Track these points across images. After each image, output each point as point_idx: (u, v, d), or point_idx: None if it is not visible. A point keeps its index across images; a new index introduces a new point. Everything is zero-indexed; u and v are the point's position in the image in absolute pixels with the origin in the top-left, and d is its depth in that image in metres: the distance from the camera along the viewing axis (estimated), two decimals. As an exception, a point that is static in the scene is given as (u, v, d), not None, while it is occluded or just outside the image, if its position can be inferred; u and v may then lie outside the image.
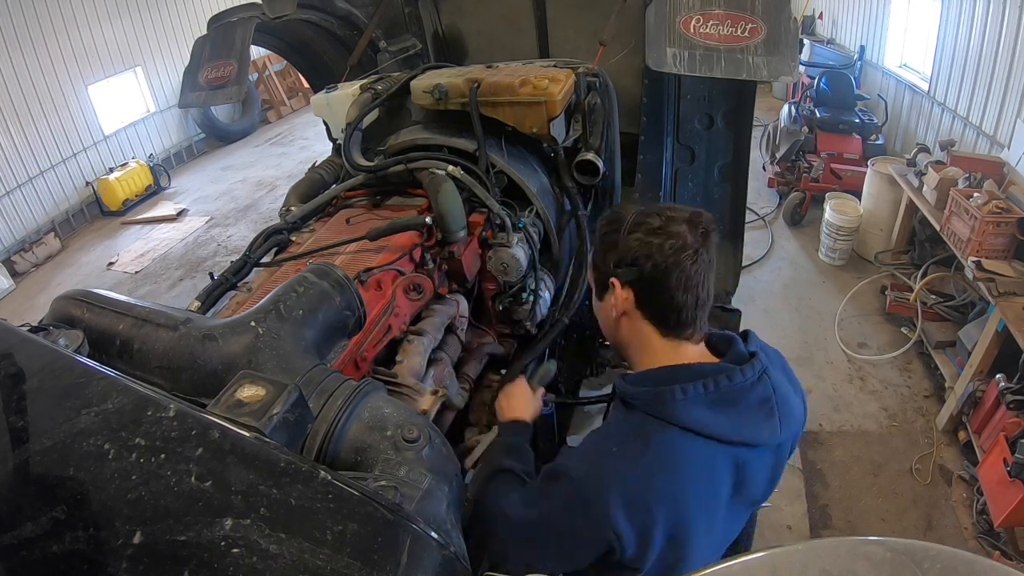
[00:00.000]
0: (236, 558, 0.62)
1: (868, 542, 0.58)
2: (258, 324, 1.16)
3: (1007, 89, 4.34)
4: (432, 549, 0.73)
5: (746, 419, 1.13)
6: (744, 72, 2.17)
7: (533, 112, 2.18)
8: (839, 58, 7.15)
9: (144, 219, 7.59)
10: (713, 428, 1.10)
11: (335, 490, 0.70)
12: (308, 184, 2.59)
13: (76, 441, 0.73)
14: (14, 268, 6.59)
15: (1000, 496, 2.81)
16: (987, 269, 3.40)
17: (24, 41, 6.85)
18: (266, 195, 7.81)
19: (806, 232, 5.64)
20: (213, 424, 0.74)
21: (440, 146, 2.32)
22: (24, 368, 0.86)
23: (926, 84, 5.62)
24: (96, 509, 0.67)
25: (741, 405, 1.13)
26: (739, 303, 3.20)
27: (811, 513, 3.18)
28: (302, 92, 11.07)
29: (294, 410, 0.82)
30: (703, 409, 1.10)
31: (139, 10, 8.33)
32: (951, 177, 3.99)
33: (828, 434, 3.64)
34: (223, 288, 2.08)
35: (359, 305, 1.34)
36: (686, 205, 1.20)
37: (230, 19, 2.87)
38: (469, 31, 3.52)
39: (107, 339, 1.18)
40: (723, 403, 1.11)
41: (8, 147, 6.77)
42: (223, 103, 3.24)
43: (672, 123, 3.06)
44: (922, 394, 3.88)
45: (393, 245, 2.02)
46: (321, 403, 1.07)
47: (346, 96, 2.47)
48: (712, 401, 1.11)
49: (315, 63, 3.61)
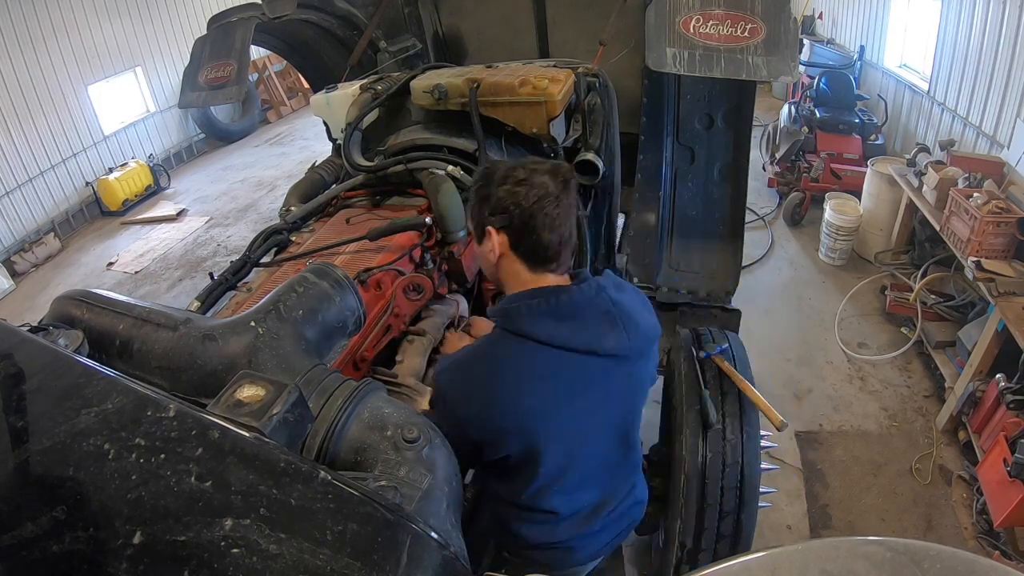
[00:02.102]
0: (236, 558, 0.62)
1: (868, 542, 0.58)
2: (258, 324, 1.16)
3: (1007, 89, 4.34)
4: (432, 549, 0.73)
5: (589, 329, 1.33)
6: (744, 72, 2.17)
7: (533, 112, 2.18)
8: (839, 58, 7.15)
9: (144, 219, 7.59)
10: (556, 337, 1.30)
11: (335, 490, 0.70)
12: (308, 184, 2.59)
13: (76, 441, 0.73)
14: (14, 268, 6.59)
15: (1000, 496, 2.81)
16: (987, 269, 3.40)
17: (24, 41, 6.84)
18: (266, 195, 7.80)
19: (806, 232, 5.64)
20: (213, 424, 0.74)
21: (440, 146, 2.31)
22: (24, 368, 0.86)
23: (926, 84, 5.62)
24: (96, 509, 0.67)
25: (581, 318, 1.33)
26: (739, 303, 3.21)
27: (811, 513, 3.18)
28: (302, 92, 11.06)
29: (294, 410, 0.82)
30: (547, 320, 1.31)
31: (139, 10, 8.33)
32: (951, 177, 3.99)
33: (828, 434, 3.63)
34: (223, 288, 2.08)
35: (359, 305, 1.34)
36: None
37: (230, 19, 2.87)
38: (469, 31, 3.52)
39: (107, 339, 1.18)
40: (564, 316, 1.32)
41: (8, 147, 6.76)
42: (223, 103, 3.24)
43: (672, 123, 3.06)
44: (922, 394, 3.88)
45: (393, 245, 2.02)
46: (321, 403, 1.07)
47: (346, 96, 2.47)
48: (554, 314, 1.31)
49: (315, 63, 3.62)
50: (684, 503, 2.04)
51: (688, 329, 2.51)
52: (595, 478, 1.53)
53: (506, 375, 1.32)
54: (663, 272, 3.21)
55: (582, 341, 1.32)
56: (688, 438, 2.06)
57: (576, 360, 1.33)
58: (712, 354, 2.26)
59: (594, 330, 1.34)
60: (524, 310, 1.32)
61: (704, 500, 2.02)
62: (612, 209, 2.68)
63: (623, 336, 1.35)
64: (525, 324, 1.32)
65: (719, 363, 2.23)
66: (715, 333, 2.42)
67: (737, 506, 2.03)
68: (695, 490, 2.03)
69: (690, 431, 2.07)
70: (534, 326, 1.31)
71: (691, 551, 2.07)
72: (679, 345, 2.38)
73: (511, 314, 1.34)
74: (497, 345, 1.37)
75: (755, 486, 2.05)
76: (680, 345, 2.37)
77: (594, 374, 1.36)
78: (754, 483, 2.04)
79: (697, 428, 2.07)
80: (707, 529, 2.04)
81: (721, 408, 2.12)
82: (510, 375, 1.32)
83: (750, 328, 4.14)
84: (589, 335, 1.33)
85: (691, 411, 2.11)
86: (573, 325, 1.32)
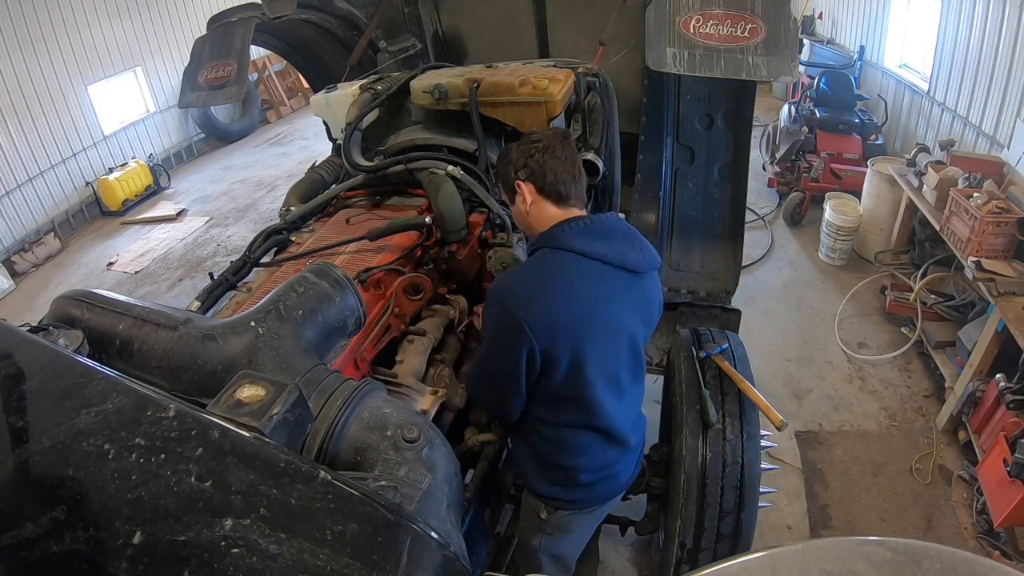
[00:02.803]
0: (236, 558, 0.63)
1: (868, 542, 0.58)
2: (258, 324, 1.16)
3: (1007, 89, 4.34)
4: (432, 549, 0.73)
5: (617, 246, 1.62)
6: (744, 72, 2.17)
7: (533, 112, 2.18)
8: (839, 58, 7.15)
9: (144, 219, 7.58)
10: (593, 250, 1.58)
11: (335, 490, 0.70)
12: (308, 184, 2.59)
13: (76, 441, 0.73)
14: (14, 268, 6.58)
15: (1000, 496, 2.81)
16: (987, 269, 3.40)
17: (24, 41, 6.84)
18: (266, 195, 7.80)
19: (806, 232, 5.64)
20: (213, 424, 0.74)
21: (440, 146, 2.31)
22: (24, 368, 0.86)
23: (926, 84, 5.62)
24: (96, 509, 0.67)
25: (610, 237, 1.62)
26: (739, 303, 3.21)
27: (811, 513, 3.18)
28: (302, 92, 11.06)
29: (294, 410, 0.82)
30: (583, 237, 1.58)
31: (139, 10, 8.32)
32: (951, 177, 3.99)
33: (828, 434, 3.63)
34: (223, 288, 2.08)
35: (359, 305, 1.34)
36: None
37: (230, 19, 2.87)
38: (469, 31, 3.52)
39: (107, 339, 1.18)
40: (596, 235, 1.60)
41: (8, 147, 6.76)
42: (223, 103, 3.24)
43: (672, 123, 3.06)
44: (922, 394, 3.87)
45: (393, 245, 2.02)
46: (321, 403, 1.07)
47: (346, 96, 2.47)
48: (588, 233, 1.60)
49: (315, 63, 3.62)
50: (684, 503, 2.04)
51: (688, 329, 2.51)
52: (627, 392, 1.75)
53: (558, 276, 1.57)
54: (663, 272, 3.21)
55: (614, 255, 1.60)
56: (688, 438, 2.06)
57: (608, 271, 1.60)
58: (712, 354, 2.26)
59: (620, 247, 1.62)
60: (564, 230, 1.59)
61: (704, 500, 2.02)
62: (612, 209, 2.68)
63: (640, 254, 1.65)
64: (567, 240, 1.58)
65: (719, 363, 2.23)
66: (715, 333, 2.42)
67: (737, 506, 2.03)
68: (695, 490, 2.03)
69: (690, 431, 2.07)
70: (575, 241, 1.57)
71: (691, 551, 2.07)
72: (679, 345, 2.38)
73: (554, 235, 1.60)
74: (545, 256, 1.61)
75: (755, 486, 2.05)
76: (680, 345, 2.37)
77: (621, 285, 1.62)
78: (754, 483, 2.04)
79: (697, 428, 2.08)
80: (707, 529, 2.04)
81: (721, 408, 2.12)
82: (561, 276, 1.57)
83: (750, 328, 4.15)
84: (617, 251, 1.61)
85: (691, 411, 2.11)
86: (605, 243, 1.60)
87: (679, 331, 2.53)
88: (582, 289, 1.57)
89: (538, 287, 1.56)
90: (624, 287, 1.63)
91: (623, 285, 1.63)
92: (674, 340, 2.52)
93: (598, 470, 1.77)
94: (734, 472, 2.03)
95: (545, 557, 1.97)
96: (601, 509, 1.94)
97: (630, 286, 1.64)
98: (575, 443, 1.71)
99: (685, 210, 3.20)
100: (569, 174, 1.63)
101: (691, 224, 3.22)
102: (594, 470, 1.76)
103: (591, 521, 1.98)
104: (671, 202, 3.20)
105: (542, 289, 1.55)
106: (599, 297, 1.59)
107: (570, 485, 1.77)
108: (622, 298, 1.63)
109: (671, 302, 3.17)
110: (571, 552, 2.04)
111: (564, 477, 1.75)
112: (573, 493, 1.79)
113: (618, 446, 1.77)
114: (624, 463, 1.83)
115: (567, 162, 1.63)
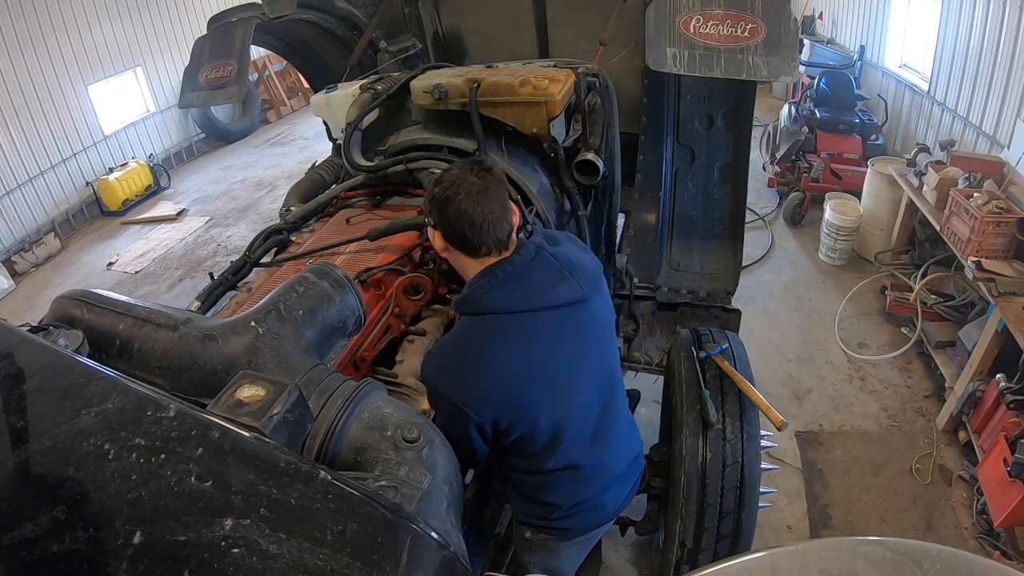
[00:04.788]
0: (236, 558, 0.63)
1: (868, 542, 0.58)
2: (258, 324, 1.16)
3: (1007, 89, 4.34)
4: (432, 549, 0.73)
5: (542, 289, 1.44)
6: (744, 72, 2.17)
7: (533, 112, 2.18)
8: (839, 58, 7.14)
9: (144, 219, 7.58)
10: (512, 304, 1.42)
11: (335, 490, 0.70)
12: (308, 184, 2.59)
13: (76, 441, 0.73)
14: (14, 268, 6.58)
15: (1000, 496, 2.80)
16: (987, 269, 3.40)
17: (24, 41, 6.84)
18: (266, 195, 7.80)
19: (806, 232, 5.64)
20: (213, 424, 0.74)
21: (440, 146, 2.31)
22: (24, 368, 0.86)
23: (926, 84, 5.62)
24: (96, 509, 0.67)
25: (528, 280, 1.44)
26: (739, 303, 3.20)
27: (811, 513, 3.18)
28: (302, 92, 11.05)
29: (294, 410, 0.82)
30: (498, 293, 1.42)
31: (139, 10, 8.32)
32: (951, 177, 3.99)
33: (828, 434, 3.63)
34: (223, 288, 2.08)
35: (359, 305, 1.34)
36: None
37: (230, 19, 2.87)
38: (469, 31, 3.52)
39: (107, 339, 1.18)
40: (512, 284, 1.43)
41: (8, 147, 6.76)
42: (223, 103, 3.24)
43: (672, 123, 3.06)
44: (922, 394, 3.87)
45: (393, 245, 2.02)
46: (321, 403, 1.07)
47: (346, 96, 2.47)
48: (503, 286, 1.42)
49: (315, 63, 3.61)
50: (684, 503, 2.04)
51: (688, 329, 2.51)
52: (602, 424, 1.63)
53: (486, 348, 1.43)
54: (663, 272, 3.21)
55: (536, 301, 1.44)
56: (688, 438, 2.06)
57: (539, 318, 1.45)
58: (712, 354, 2.26)
59: (546, 288, 1.45)
60: (477, 291, 1.44)
61: (704, 500, 2.02)
62: (612, 209, 2.68)
63: (573, 283, 1.48)
64: (485, 302, 1.43)
65: (719, 363, 2.23)
66: (715, 333, 2.42)
67: (737, 506, 2.03)
68: (695, 490, 2.02)
69: (690, 431, 2.07)
70: (493, 301, 1.42)
71: (691, 551, 2.07)
72: (679, 345, 2.38)
73: (469, 299, 1.46)
74: (467, 327, 1.48)
75: (755, 486, 2.05)
76: (680, 345, 2.37)
77: (560, 325, 1.47)
78: (754, 483, 2.04)
79: (697, 428, 2.07)
80: (707, 529, 2.04)
81: (721, 408, 2.12)
82: (490, 348, 1.43)
83: (750, 328, 4.15)
84: (541, 294, 1.45)
85: (691, 411, 2.11)
86: (524, 289, 1.44)
87: (679, 331, 2.53)
88: (515, 352, 1.43)
89: (467, 364, 1.43)
90: (565, 324, 1.49)
91: (563, 324, 1.48)
92: (674, 340, 2.52)
93: (576, 505, 1.69)
94: (734, 472, 2.02)
95: (537, 571, 1.92)
96: (589, 536, 1.86)
97: (570, 320, 1.49)
98: (548, 483, 1.63)
99: (685, 210, 3.20)
100: (483, 218, 1.41)
101: (691, 224, 3.22)
102: (571, 506, 1.68)
103: (579, 546, 1.91)
104: (671, 202, 3.20)
105: (472, 366, 1.42)
106: (540, 351, 1.46)
107: (548, 517, 1.71)
108: (567, 339, 1.49)
109: (671, 302, 3.17)
110: (565, 568, 1.97)
111: (542, 510, 1.70)
112: (553, 524, 1.73)
113: (598, 480, 1.69)
114: (611, 492, 1.75)
115: (478, 204, 1.41)
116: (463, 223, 1.42)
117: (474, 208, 1.41)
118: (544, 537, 1.79)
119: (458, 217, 1.41)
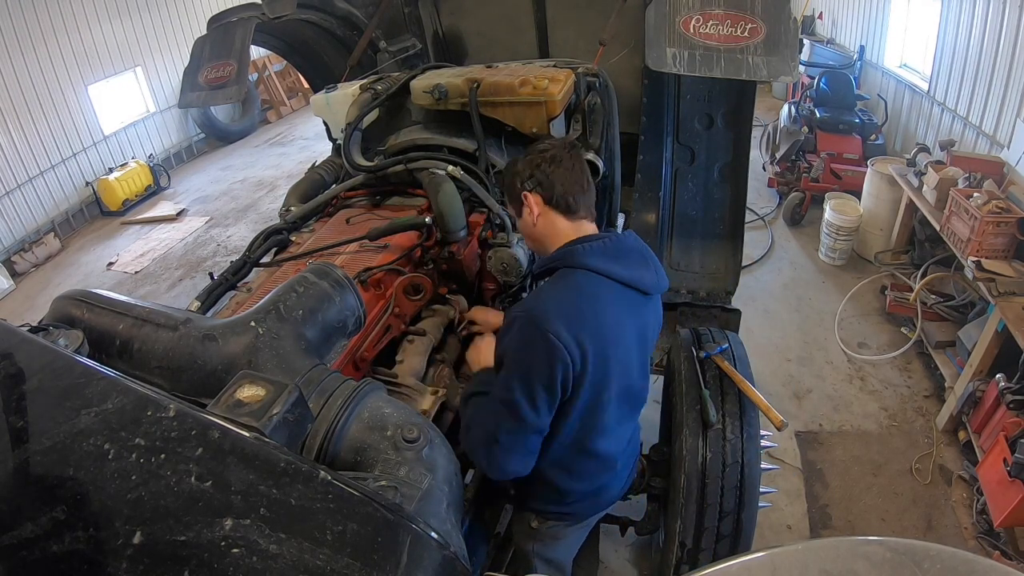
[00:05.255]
0: (236, 558, 0.63)
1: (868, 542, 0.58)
2: (258, 324, 1.16)
3: (1007, 89, 4.34)
4: (432, 549, 0.73)
5: (634, 267, 1.56)
6: (744, 72, 2.17)
7: (533, 112, 2.18)
8: (839, 58, 7.14)
9: (144, 219, 7.58)
10: (611, 271, 1.51)
11: (335, 490, 0.70)
12: (308, 184, 2.59)
13: (76, 441, 0.73)
14: (14, 268, 6.58)
15: (1000, 496, 2.80)
16: (987, 269, 3.40)
17: (24, 41, 6.84)
18: (266, 195, 7.80)
19: (806, 232, 5.64)
20: (213, 424, 0.74)
21: (440, 146, 2.31)
22: (24, 368, 0.86)
23: (926, 84, 5.62)
24: (96, 509, 0.67)
25: (626, 257, 1.56)
26: (739, 303, 3.21)
27: (811, 513, 3.18)
28: (302, 92, 11.05)
29: (294, 410, 0.82)
30: (601, 257, 1.52)
31: (139, 10, 8.32)
32: (951, 177, 3.99)
33: (828, 434, 3.63)
34: (223, 288, 2.08)
35: (359, 305, 1.34)
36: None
37: (230, 19, 2.87)
38: (469, 31, 3.52)
39: (107, 339, 1.18)
40: (613, 254, 1.54)
41: (8, 147, 6.76)
42: (223, 103, 3.24)
43: (672, 123, 3.06)
44: (922, 394, 3.87)
45: (393, 245, 2.02)
46: (321, 403, 1.07)
47: (346, 96, 2.47)
48: (606, 252, 1.53)
49: (315, 63, 3.61)
50: (684, 503, 2.04)
51: (688, 329, 2.51)
52: (629, 413, 1.72)
53: (587, 297, 1.48)
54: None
55: (630, 276, 1.54)
56: (688, 438, 2.06)
57: (625, 293, 1.54)
58: (712, 354, 2.26)
59: (636, 268, 1.56)
60: (582, 249, 1.52)
61: (704, 500, 2.03)
62: (612, 209, 2.68)
63: (655, 275, 1.60)
64: (587, 259, 1.51)
65: (719, 363, 2.23)
66: (715, 333, 2.42)
67: (737, 506, 2.03)
68: (695, 490, 2.03)
69: (690, 431, 2.07)
70: (594, 261, 1.51)
71: (691, 551, 2.07)
72: (679, 345, 2.38)
73: (573, 253, 1.53)
74: (569, 277, 1.52)
75: (755, 486, 2.05)
76: (680, 345, 2.37)
77: (634, 306, 1.57)
78: (754, 483, 2.04)
79: (697, 428, 2.08)
80: (707, 529, 2.04)
81: (721, 408, 2.12)
82: (589, 297, 1.48)
83: (750, 328, 4.15)
84: (634, 271, 1.55)
85: (691, 411, 2.11)
86: (621, 262, 1.54)
87: (679, 331, 2.53)
88: (611, 309, 1.50)
89: (571, 308, 1.44)
90: (637, 308, 1.57)
91: (636, 306, 1.57)
92: (674, 340, 2.52)
93: (594, 490, 1.77)
94: (734, 472, 2.03)
95: (539, 561, 1.96)
96: (591, 519, 1.94)
97: (637, 309, 1.58)
98: (572, 468, 1.66)
99: (685, 210, 3.20)
100: (578, 185, 1.58)
101: (691, 224, 3.22)
102: (589, 491, 1.75)
103: (581, 530, 1.98)
104: (671, 202, 3.20)
105: (575, 311, 1.43)
106: (623, 321, 1.53)
107: (560, 503, 1.76)
108: (634, 321, 1.57)
109: (671, 302, 3.17)
110: (565, 556, 2.04)
111: (555, 496, 1.74)
112: (562, 508, 1.78)
113: (611, 468, 1.76)
114: (614, 478, 1.82)
115: (575, 172, 1.58)
116: (568, 185, 1.55)
117: (575, 174, 1.58)
118: (552, 524, 1.83)
119: (563, 180, 1.55)
